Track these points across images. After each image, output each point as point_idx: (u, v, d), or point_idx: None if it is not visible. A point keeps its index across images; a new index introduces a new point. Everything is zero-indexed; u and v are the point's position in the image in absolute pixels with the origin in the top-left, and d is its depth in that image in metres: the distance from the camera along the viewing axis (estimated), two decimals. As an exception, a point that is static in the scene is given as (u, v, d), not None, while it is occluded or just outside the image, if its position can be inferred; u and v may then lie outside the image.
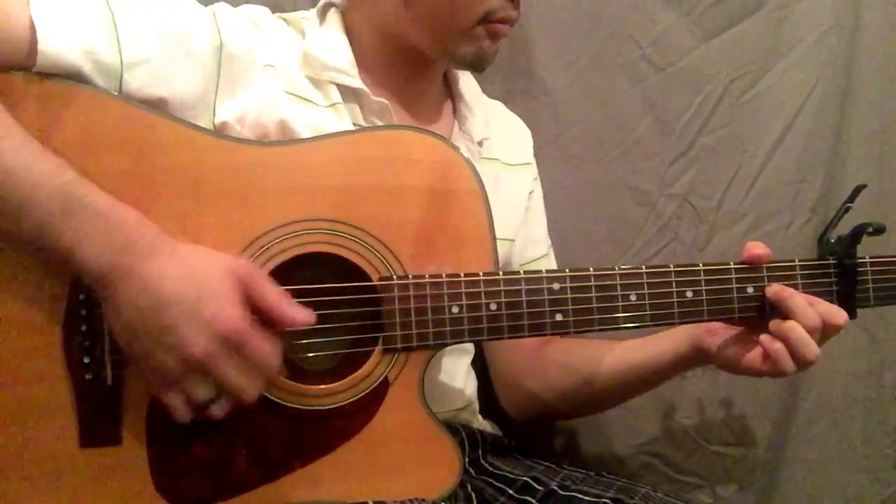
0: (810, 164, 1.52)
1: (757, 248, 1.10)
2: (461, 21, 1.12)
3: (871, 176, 1.50)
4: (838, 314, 1.09)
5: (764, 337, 1.09)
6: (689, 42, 1.50)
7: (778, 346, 1.07)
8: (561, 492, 1.16)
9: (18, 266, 0.93)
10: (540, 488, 1.18)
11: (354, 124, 1.15)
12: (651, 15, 1.50)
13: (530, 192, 1.37)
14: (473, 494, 1.19)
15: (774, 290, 1.09)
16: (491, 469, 1.25)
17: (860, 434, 1.55)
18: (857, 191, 1.16)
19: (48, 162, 0.89)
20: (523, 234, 1.34)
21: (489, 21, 1.13)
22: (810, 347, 1.06)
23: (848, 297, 1.13)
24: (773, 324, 1.08)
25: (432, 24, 1.14)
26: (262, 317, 0.93)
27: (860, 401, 1.55)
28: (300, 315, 0.94)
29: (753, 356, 1.11)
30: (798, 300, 1.08)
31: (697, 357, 1.18)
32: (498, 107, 1.41)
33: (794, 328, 1.06)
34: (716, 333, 1.15)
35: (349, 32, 1.19)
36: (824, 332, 1.08)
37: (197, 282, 0.89)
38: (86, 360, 0.94)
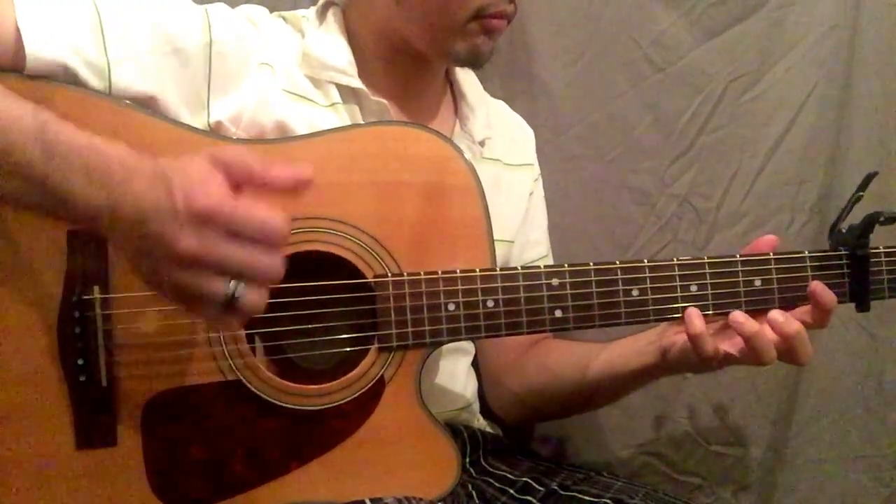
0: (810, 164, 1.52)
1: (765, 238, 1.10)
2: (453, 17, 1.11)
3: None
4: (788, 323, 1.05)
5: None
6: (689, 42, 1.50)
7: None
8: (561, 492, 1.16)
9: (11, 268, 0.93)
10: (540, 488, 1.18)
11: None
12: (651, 15, 1.49)
13: (530, 194, 1.37)
14: (475, 494, 1.19)
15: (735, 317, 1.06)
16: (492, 469, 1.25)
17: (860, 434, 1.55)
18: (869, 179, 1.13)
19: (23, 106, 0.86)
20: (522, 235, 1.34)
21: (482, 16, 1.12)
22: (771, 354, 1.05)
23: (861, 289, 1.10)
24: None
25: (425, 21, 1.13)
26: (252, 182, 0.86)
27: (860, 401, 1.55)
28: (289, 171, 0.86)
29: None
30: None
31: (662, 358, 1.13)
32: (501, 107, 1.40)
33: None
34: (674, 333, 1.12)
35: (349, 32, 1.19)
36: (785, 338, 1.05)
37: (167, 179, 0.82)
38: (80, 362, 0.94)
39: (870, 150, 1.51)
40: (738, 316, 1.05)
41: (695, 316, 1.05)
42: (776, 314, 1.05)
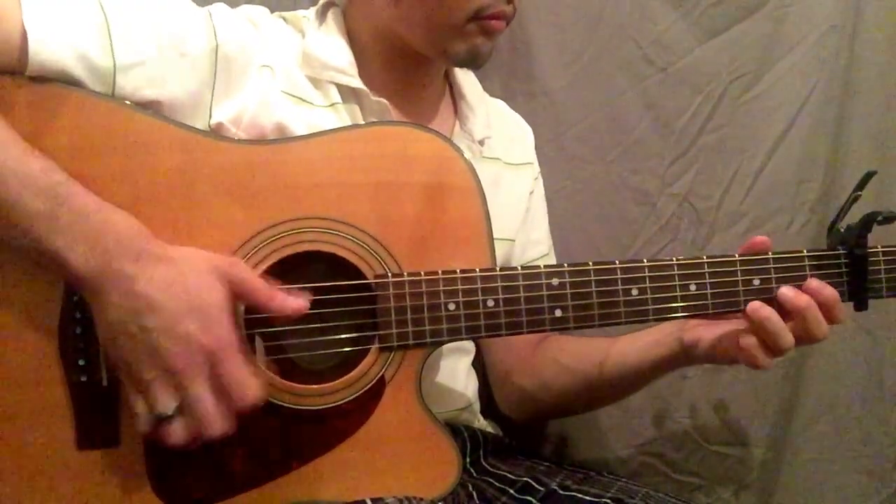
0: (810, 164, 1.52)
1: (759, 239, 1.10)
2: (452, 18, 1.11)
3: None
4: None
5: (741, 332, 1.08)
6: (689, 42, 1.50)
7: (751, 340, 1.06)
8: (561, 492, 1.16)
9: (13, 269, 0.93)
10: (540, 488, 1.18)
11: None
12: (651, 15, 1.49)
13: (531, 192, 1.37)
14: (475, 494, 1.19)
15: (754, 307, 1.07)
16: (492, 469, 1.25)
17: (860, 434, 1.55)
18: (867, 178, 1.13)
19: (36, 163, 0.88)
20: (523, 234, 1.34)
21: (481, 17, 1.12)
22: (786, 338, 1.05)
23: (859, 288, 1.11)
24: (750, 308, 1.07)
25: (423, 22, 1.13)
26: (255, 310, 0.93)
27: (860, 401, 1.55)
28: (290, 303, 0.93)
29: (728, 346, 1.09)
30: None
31: (683, 353, 1.15)
32: (500, 106, 1.41)
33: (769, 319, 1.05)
34: (694, 327, 1.13)
35: (349, 32, 1.19)
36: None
37: (188, 290, 0.88)
38: (81, 363, 0.94)
39: (870, 150, 1.51)
40: (787, 291, 1.07)
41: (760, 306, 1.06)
42: (812, 282, 1.07)
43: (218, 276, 0.90)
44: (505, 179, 1.30)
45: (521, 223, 1.34)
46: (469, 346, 1.33)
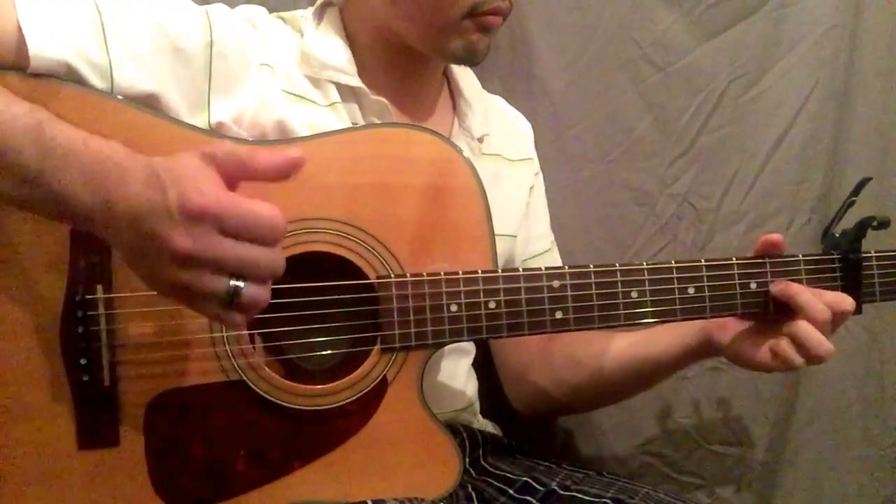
0: (810, 164, 1.52)
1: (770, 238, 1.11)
2: (448, 15, 1.11)
3: (872, 176, 1.49)
4: (843, 301, 1.08)
5: (773, 341, 1.09)
6: (689, 42, 1.50)
7: (787, 345, 1.07)
8: (561, 492, 1.16)
9: (14, 267, 0.93)
10: (540, 488, 1.18)
11: (353, 123, 1.15)
12: (651, 15, 1.49)
13: (531, 188, 1.37)
14: (474, 494, 1.19)
15: (780, 287, 1.09)
16: (491, 469, 1.25)
17: (860, 434, 1.55)
18: (862, 184, 1.15)
19: (20, 106, 0.87)
20: (525, 229, 1.34)
21: (477, 14, 1.11)
22: (824, 346, 1.06)
23: (853, 292, 1.12)
24: (785, 327, 1.08)
25: (419, 19, 1.13)
26: (245, 174, 0.85)
27: (860, 401, 1.55)
28: (280, 157, 0.85)
29: (764, 353, 1.10)
30: (805, 296, 1.07)
31: (707, 350, 1.17)
32: (498, 102, 1.40)
33: (802, 327, 1.06)
34: (726, 328, 1.14)
35: (347, 31, 1.19)
36: (834, 322, 1.08)
37: (160, 178, 0.81)
38: (83, 362, 0.94)
39: (870, 150, 1.52)
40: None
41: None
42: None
43: (190, 156, 0.84)
44: (505, 175, 1.30)
45: (522, 219, 1.34)
46: (469, 346, 1.33)
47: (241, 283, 0.81)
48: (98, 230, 0.86)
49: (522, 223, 1.34)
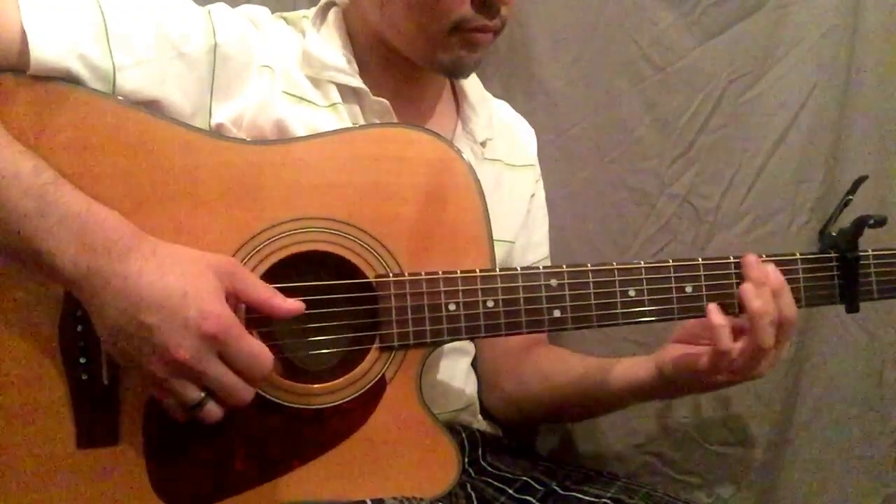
0: (810, 164, 1.52)
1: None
2: (432, 29, 1.10)
3: (871, 176, 1.49)
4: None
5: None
6: (689, 42, 1.50)
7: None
8: (561, 491, 1.16)
9: (13, 268, 0.93)
10: (540, 488, 1.18)
11: (354, 124, 1.15)
12: (651, 15, 1.49)
13: (532, 195, 1.37)
14: (473, 494, 1.19)
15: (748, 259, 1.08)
16: (491, 469, 1.25)
17: (860, 434, 1.55)
18: (858, 183, 1.16)
19: (25, 162, 0.88)
20: (523, 236, 1.34)
21: (462, 30, 1.10)
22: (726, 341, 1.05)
23: (850, 291, 1.13)
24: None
25: (407, 31, 1.13)
26: (250, 312, 0.93)
27: (860, 401, 1.55)
28: (288, 304, 0.94)
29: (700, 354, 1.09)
30: (758, 272, 1.07)
31: (659, 381, 1.14)
32: (503, 107, 1.40)
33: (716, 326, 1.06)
34: (672, 355, 1.13)
35: (349, 32, 1.19)
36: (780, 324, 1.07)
37: (179, 280, 0.87)
38: (82, 360, 0.94)
39: (870, 150, 1.52)
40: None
41: (715, 310, 1.06)
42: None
43: (212, 268, 0.91)
44: (506, 181, 1.30)
45: (521, 225, 1.34)
46: (468, 346, 1.33)
47: (206, 399, 0.90)
48: (82, 296, 0.89)
49: (521, 230, 1.34)
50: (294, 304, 0.94)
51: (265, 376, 0.92)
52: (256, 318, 0.96)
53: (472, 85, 1.30)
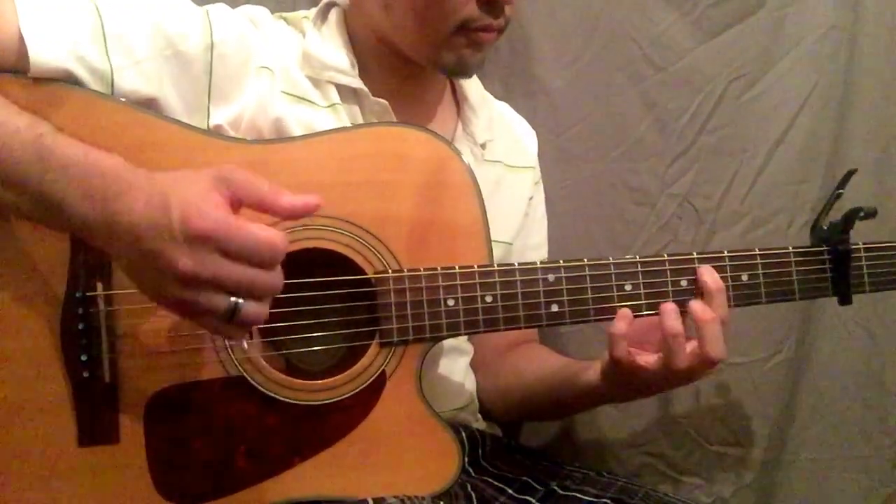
0: (810, 164, 1.52)
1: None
2: (437, 29, 1.11)
3: (871, 176, 1.50)
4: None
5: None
6: (689, 42, 1.50)
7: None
8: (561, 492, 1.16)
9: (15, 264, 0.93)
10: (540, 488, 1.18)
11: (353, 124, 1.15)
12: (651, 15, 1.49)
13: (530, 198, 1.37)
14: (473, 494, 1.19)
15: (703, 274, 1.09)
16: (491, 469, 1.25)
17: (860, 434, 1.55)
18: (848, 176, 1.17)
19: (22, 119, 0.88)
20: (521, 239, 1.34)
21: (467, 29, 1.11)
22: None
23: (843, 283, 1.14)
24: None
25: (411, 30, 1.13)
26: (263, 210, 0.87)
27: (860, 401, 1.55)
28: (300, 200, 0.87)
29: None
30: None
31: (602, 378, 1.14)
32: (504, 108, 1.40)
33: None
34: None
35: (350, 33, 1.19)
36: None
37: (164, 197, 0.83)
38: (83, 358, 0.95)
39: (870, 150, 1.52)
40: (666, 307, 1.07)
41: (620, 317, 1.06)
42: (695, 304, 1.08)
43: (205, 176, 0.86)
44: (505, 183, 1.30)
45: (519, 227, 1.34)
46: (467, 346, 1.33)
47: (240, 301, 0.83)
48: (99, 243, 0.87)
49: (519, 232, 1.34)
50: (305, 200, 0.87)
51: (281, 253, 0.84)
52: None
53: (472, 86, 1.30)
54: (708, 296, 1.07)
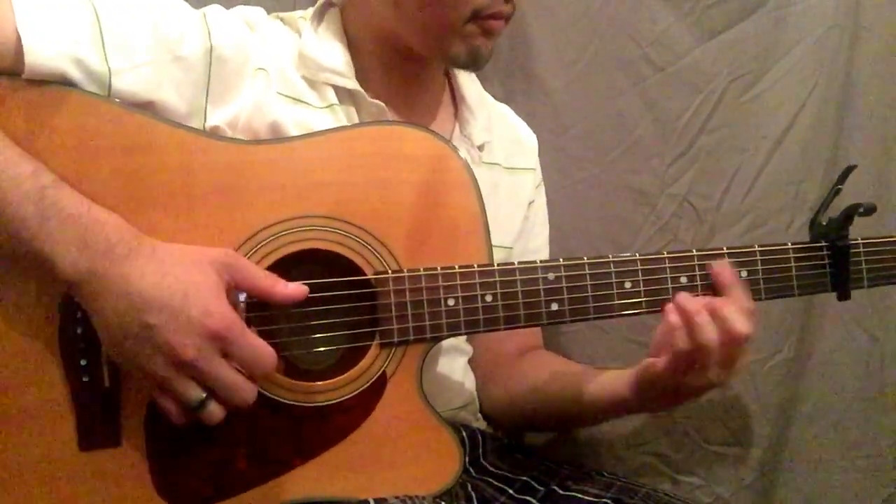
0: (810, 164, 1.52)
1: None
2: (451, 19, 1.11)
3: (871, 175, 1.50)
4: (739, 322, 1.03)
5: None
6: (689, 42, 1.50)
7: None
8: (561, 491, 1.16)
9: (13, 269, 0.93)
10: (540, 488, 1.18)
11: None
12: (651, 15, 1.49)
13: (531, 202, 1.37)
14: (473, 494, 1.19)
15: (717, 269, 1.08)
16: (491, 469, 1.25)
17: (860, 434, 1.55)
18: (848, 172, 1.17)
19: (25, 166, 0.88)
20: (521, 243, 1.34)
21: (480, 18, 1.11)
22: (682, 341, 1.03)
23: (841, 279, 1.14)
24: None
25: (423, 23, 1.13)
26: (251, 310, 0.94)
27: (860, 401, 1.55)
28: (290, 290, 0.94)
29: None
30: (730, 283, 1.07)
31: (635, 389, 1.13)
32: (503, 111, 1.40)
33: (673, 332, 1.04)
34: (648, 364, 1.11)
35: (347, 33, 1.19)
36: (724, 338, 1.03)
37: (180, 279, 0.88)
38: (83, 363, 0.95)
39: (870, 150, 1.52)
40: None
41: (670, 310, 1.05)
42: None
43: (212, 263, 0.91)
44: (503, 185, 1.30)
45: (519, 231, 1.34)
46: (466, 345, 1.33)
47: (209, 399, 0.90)
48: (82, 298, 0.89)
49: (519, 236, 1.34)
50: (297, 289, 0.95)
51: (269, 373, 0.92)
52: (257, 316, 0.97)
53: (470, 87, 1.30)
54: (725, 290, 1.07)
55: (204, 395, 0.89)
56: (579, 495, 1.15)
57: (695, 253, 1.09)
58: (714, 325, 1.02)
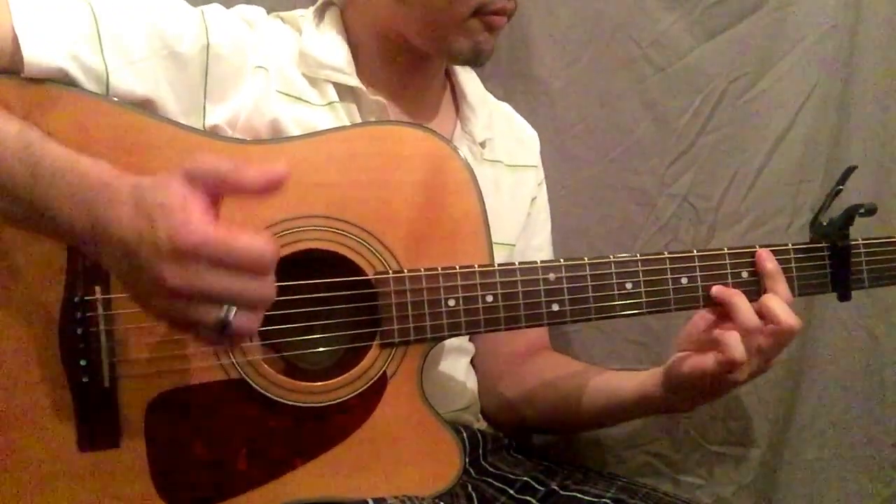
0: (810, 164, 1.51)
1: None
2: (455, 14, 1.11)
3: (871, 176, 1.50)
4: (785, 316, 1.06)
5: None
6: (689, 42, 1.50)
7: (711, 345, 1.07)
8: (561, 492, 1.16)
9: (12, 269, 0.93)
10: (540, 488, 1.18)
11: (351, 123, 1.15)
12: (651, 15, 1.49)
13: (533, 199, 1.37)
14: (474, 494, 1.19)
15: (717, 290, 1.09)
16: (491, 469, 1.25)
17: (860, 434, 1.55)
18: (848, 172, 1.17)
19: (12, 126, 0.88)
20: (523, 240, 1.34)
21: (483, 13, 1.12)
22: (739, 349, 1.04)
23: (842, 279, 1.14)
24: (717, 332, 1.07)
25: (426, 19, 1.13)
26: (234, 191, 0.84)
27: (860, 401, 1.55)
28: (261, 173, 0.83)
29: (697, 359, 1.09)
30: (738, 301, 1.07)
31: (670, 385, 1.14)
32: (505, 108, 1.40)
33: (725, 333, 1.05)
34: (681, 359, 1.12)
35: (347, 31, 1.19)
36: (776, 338, 1.06)
37: (148, 209, 0.80)
38: (82, 363, 0.94)
39: (870, 150, 1.51)
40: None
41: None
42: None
43: (174, 180, 0.82)
44: (506, 182, 1.30)
45: (521, 229, 1.34)
46: (468, 345, 1.33)
47: (231, 314, 0.81)
48: (91, 252, 0.86)
49: (522, 234, 1.34)
50: (275, 170, 0.83)
51: (272, 261, 0.82)
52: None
53: (471, 85, 1.30)
54: (770, 279, 1.08)
55: (223, 313, 0.81)
56: (579, 495, 1.15)
57: (695, 253, 1.09)
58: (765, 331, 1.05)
